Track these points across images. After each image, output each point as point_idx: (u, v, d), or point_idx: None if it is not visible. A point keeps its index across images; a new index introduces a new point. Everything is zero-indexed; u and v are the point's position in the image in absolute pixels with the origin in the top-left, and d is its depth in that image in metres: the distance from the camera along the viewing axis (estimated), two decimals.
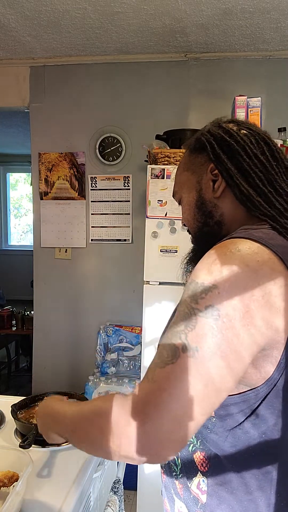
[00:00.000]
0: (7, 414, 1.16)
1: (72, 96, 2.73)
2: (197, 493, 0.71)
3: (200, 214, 0.81)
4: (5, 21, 2.21)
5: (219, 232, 0.78)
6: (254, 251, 0.61)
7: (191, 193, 0.82)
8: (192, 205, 0.82)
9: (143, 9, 2.08)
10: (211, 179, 0.79)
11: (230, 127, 0.79)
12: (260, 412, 0.64)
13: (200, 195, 0.81)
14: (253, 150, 0.76)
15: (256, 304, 0.57)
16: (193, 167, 0.83)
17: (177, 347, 0.57)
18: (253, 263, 0.59)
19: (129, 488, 2.23)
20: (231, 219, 0.78)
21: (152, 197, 1.92)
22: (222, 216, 0.78)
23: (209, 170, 0.79)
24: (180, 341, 0.57)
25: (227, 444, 0.67)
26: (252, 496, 0.66)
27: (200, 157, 0.81)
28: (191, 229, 0.85)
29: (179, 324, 0.59)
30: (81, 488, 0.90)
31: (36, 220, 2.84)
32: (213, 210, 0.79)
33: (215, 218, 0.79)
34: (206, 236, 0.81)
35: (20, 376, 4.17)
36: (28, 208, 6.17)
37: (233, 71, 2.57)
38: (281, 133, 2.03)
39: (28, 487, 0.85)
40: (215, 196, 0.78)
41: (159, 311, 1.95)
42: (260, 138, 0.77)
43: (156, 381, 0.56)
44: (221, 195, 0.78)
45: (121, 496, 1.21)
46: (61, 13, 2.12)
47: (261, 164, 0.75)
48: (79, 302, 2.82)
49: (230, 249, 0.62)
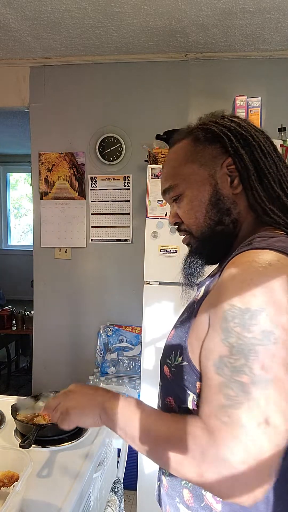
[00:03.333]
0: (7, 414, 1.16)
1: (72, 96, 2.73)
2: (211, 502, 0.68)
3: (215, 211, 0.74)
4: (5, 21, 2.21)
5: (233, 232, 0.74)
6: (283, 263, 0.60)
7: (201, 187, 0.75)
8: (203, 201, 0.74)
9: (143, 9, 2.07)
10: (226, 173, 0.73)
11: (239, 121, 0.76)
12: None
13: (217, 190, 0.74)
14: (266, 147, 0.73)
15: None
16: (201, 159, 0.75)
17: (244, 383, 0.55)
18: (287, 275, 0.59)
19: (129, 488, 2.23)
20: (244, 219, 0.74)
21: (152, 197, 1.92)
22: (239, 214, 0.74)
23: (225, 165, 0.73)
24: (246, 375, 0.55)
25: None
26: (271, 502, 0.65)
27: (211, 149, 0.75)
28: (197, 228, 0.76)
29: (237, 358, 0.57)
30: (81, 488, 0.90)
31: (36, 220, 2.84)
32: (232, 207, 0.73)
33: (233, 215, 0.74)
34: (217, 236, 0.75)
35: (20, 376, 4.16)
36: (28, 208, 6.17)
37: (233, 71, 2.57)
38: (281, 133, 2.03)
39: (28, 487, 0.85)
40: (234, 192, 0.73)
41: (159, 311, 1.95)
42: (265, 136, 0.76)
43: (233, 422, 0.55)
44: (240, 191, 0.73)
45: (121, 496, 1.21)
46: (61, 13, 2.12)
47: (273, 163, 0.73)
48: (79, 302, 2.82)
49: (260, 264, 0.60)
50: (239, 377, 0.56)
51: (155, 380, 0.86)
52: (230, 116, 0.79)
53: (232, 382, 0.56)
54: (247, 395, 0.55)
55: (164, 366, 0.76)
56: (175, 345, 0.72)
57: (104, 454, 1.14)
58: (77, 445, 1.06)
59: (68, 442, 1.06)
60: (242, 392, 0.55)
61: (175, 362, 0.71)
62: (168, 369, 0.74)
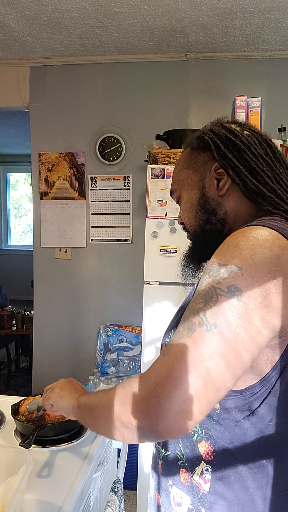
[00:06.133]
0: (7, 414, 1.16)
1: (72, 96, 2.73)
2: (199, 482, 0.71)
3: (203, 212, 0.81)
4: (5, 21, 2.21)
5: (221, 230, 0.79)
6: (275, 237, 0.62)
7: (192, 191, 0.82)
8: (194, 203, 0.82)
9: (143, 9, 2.07)
10: (215, 177, 0.79)
11: (234, 127, 0.80)
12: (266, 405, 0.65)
13: (203, 193, 0.81)
14: (258, 150, 0.77)
15: (278, 288, 0.58)
16: (194, 165, 0.83)
17: (194, 322, 0.58)
18: (276, 248, 0.60)
19: (129, 488, 2.23)
20: (234, 217, 0.78)
21: (152, 197, 1.92)
22: (225, 214, 0.79)
23: (213, 169, 0.79)
24: (198, 317, 0.58)
25: (229, 435, 0.67)
26: (250, 490, 0.67)
27: (203, 156, 0.81)
28: (190, 227, 0.85)
29: (198, 302, 0.59)
30: (81, 488, 0.90)
31: (36, 220, 2.84)
32: (217, 208, 0.79)
33: (219, 215, 0.79)
34: (207, 233, 0.81)
35: (20, 376, 4.17)
36: (28, 208, 6.16)
37: (233, 71, 2.57)
38: (281, 133, 2.03)
39: (28, 487, 0.85)
40: (220, 194, 0.79)
41: (159, 311, 1.95)
42: (262, 139, 0.79)
43: (170, 354, 0.57)
44: (226, 193, 0.78)
45: (121, 496, 1.21)
46: (61, 13, 2.12)
47: (266, 163, 0.76)
48: (79, 302, 2.82)
49: (251, 234, 0.63)
50: (193, 318, 0.58)
51: None
52: (229, 123, 0.83)
53: (186, 321, 0.59)
54: (191, 333, 0.57)
55: (162, 346, 0.80)
56: (171, 331, 0.77)
57: (104, 454, 1.14)
58: (77, 445, 1.06)
59: (68, 442, 1.06)
60: (187, 330, 0.57)
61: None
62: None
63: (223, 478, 0.68)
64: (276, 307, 0.58)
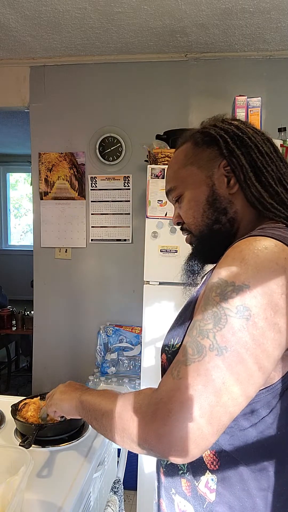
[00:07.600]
0: (7, 414, 1.16)
1: (72, 96, 2.73)
2: (205, 491, 0.70)
3: (212, 211, 0.76)
4: (5, 21, 2.21)
5: (230, 230, 0.76)
6: (280, 249, 0.60)
7: (199, 188, 0.78)
8: (201, 201, 0.77)
9: (143, 9, 2.08)
10: (223, 174, 0.76)
11: (238, 123, 0.78)
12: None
13: (213, 191, 0.76)
14: (264, 148, 0.75)
15: (286, 302, 0.57)
16: (199, 162, 0.78)
17: (203, 345, 0.56)
18: (281, 261, 0.59)
19: (129, 488, 2.23)
20: (242, 218, 0.76)
21: (152, 197, 1.92)
22: (236, 213, 0.76)
23: (221, 166, 0.76)
24: (208, 340, 0.56)
25: (235, 444, 0.66)
26: (256, 499, 0.66)
27: (209, 151, 0.78)
28: (196, 227, 0.79)
29: (207, 323, 0.58)
30: (81, 488, 0.90)
31: (36, 220, 2.84)
32: (228, 207, 0.76)
33: (229, 214, 0.76)
34: (215, 234, 0.77)
35: (20, 376, 4.17)
36: (28, 208, 6.16)
37: (233, 71, 2.57)
38: (281, 133, 2.03)
39: (28, 487, 0.85)
40: (230, 192, 0.75)
41: (159, 311, 1.95)
42: (265, 138, 0.78)
43: (181, 378, 0.56)
44: (236, 191, 0.75)
45: (121, 496, 1.21)
46: (61, 13, 2.12)
47: (272, 162, 0.75)
48: (79, 302, 2.82)
49: (256, 246, 0.61)
50: (202, 340, 0.57)
51: (155, 380, 0.87)
52: (230, 119, 0.81)
53: (194, 343, 0.58)
54: (202, 357, 0.56)
55: (163, 354, 0.78)
56: (175, 331, 0.75)
57: (104, 454, 1.14)
58: (77, 445, 1.06)
59: (68, 442, 1.06)
60: (198, 354, 0.57)
61: (172, 349, 0.73)
62: (165, 357, 0.76)
63: (229, 487, 0.67)
64: (286, 322, 0.57)
